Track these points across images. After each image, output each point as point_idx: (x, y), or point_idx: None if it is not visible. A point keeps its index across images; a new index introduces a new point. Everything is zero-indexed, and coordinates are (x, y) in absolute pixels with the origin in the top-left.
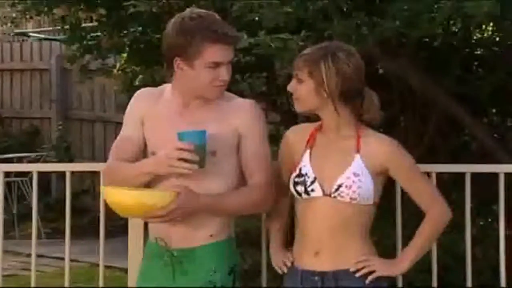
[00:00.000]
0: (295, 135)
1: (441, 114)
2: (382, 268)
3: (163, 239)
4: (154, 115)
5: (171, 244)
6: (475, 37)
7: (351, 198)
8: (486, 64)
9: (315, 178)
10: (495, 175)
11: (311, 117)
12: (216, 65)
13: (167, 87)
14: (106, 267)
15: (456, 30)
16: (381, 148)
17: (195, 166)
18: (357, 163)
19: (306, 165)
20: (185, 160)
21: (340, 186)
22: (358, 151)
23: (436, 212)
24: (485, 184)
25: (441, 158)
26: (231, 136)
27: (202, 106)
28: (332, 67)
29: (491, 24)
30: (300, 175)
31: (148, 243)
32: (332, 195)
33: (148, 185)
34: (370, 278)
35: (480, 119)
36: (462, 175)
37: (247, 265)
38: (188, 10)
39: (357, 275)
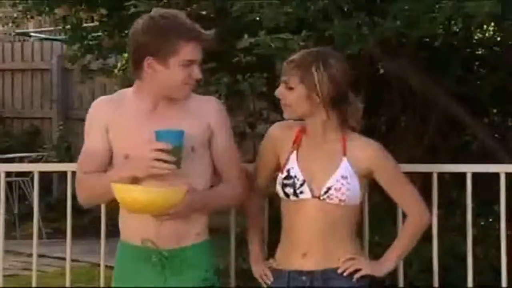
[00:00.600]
0: (281, 131)
1: (442, 114)
2: (368, 267)
3: (150, 239)
4: (119, 120)
5: (159, 244)
6: (476, 37)
7: (340, 200)
8: (487, 64)
9: (304, 181)
10: (496, 175)
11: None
12: (190, 63)
13: (126, 92)
14: (107, 267)
15: (457, 30)
16: (366, 151)
17: (172, 166)
18: (345, 166)
19: (294, 167)
20: (163, 161)
21: (329, 189)
22: (344, 154)
23: (417, 215)
24: (486, 184)
25: (441, 158)
26: (202, 132)
27: (170, 105)
28: (324, 72)
29: (492, 24)
30: (288, 177)
31: (127, 245)
32: (321, 198)
33: None
34: (356, 276)
35: (480, 119)
36: (463, 175)
37: (247, 265)
38: (155, 10)
39: (345, 274)
